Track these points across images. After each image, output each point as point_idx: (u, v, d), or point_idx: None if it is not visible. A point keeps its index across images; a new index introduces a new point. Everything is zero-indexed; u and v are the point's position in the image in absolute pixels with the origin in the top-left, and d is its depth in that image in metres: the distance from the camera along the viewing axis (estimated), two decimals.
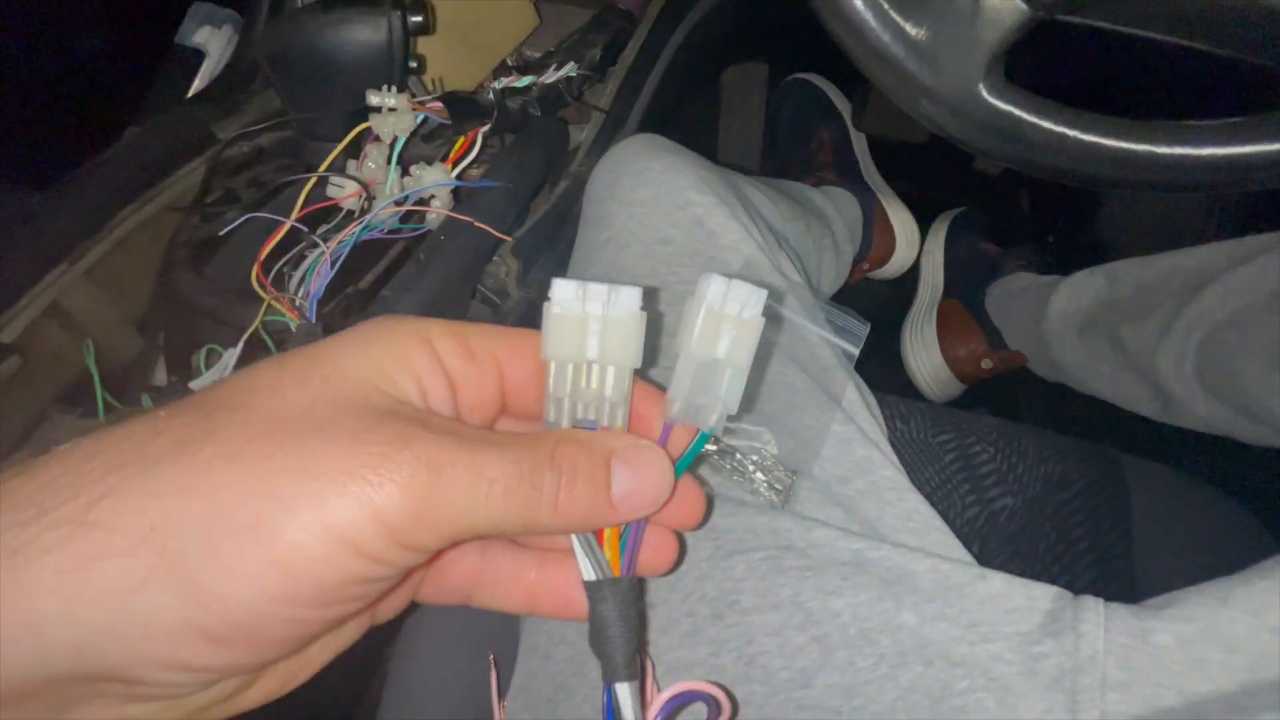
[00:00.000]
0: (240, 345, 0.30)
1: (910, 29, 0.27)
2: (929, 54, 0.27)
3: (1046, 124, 0.27)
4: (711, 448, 0.31)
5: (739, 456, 0.31)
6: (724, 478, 0.30)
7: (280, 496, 0.14)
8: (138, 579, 0.14)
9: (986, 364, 0.75)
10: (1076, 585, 0.29)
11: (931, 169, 0.93)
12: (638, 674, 0.20)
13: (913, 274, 0.90)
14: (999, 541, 0.43)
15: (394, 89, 0.35)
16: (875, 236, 0.88)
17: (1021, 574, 0.29)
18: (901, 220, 0.90)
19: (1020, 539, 0.43)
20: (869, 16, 0.27)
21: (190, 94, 0.44)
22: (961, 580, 0.28)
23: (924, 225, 0.90)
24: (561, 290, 0.19)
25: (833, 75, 0.94)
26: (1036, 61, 0.37)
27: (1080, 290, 0.64)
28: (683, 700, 0.20)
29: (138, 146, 0.39)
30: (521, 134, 0.42)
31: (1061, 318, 0.64)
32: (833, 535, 0.28)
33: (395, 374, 0.17)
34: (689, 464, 0.20)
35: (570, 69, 0.44)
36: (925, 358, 0.77)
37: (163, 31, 0.45)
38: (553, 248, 0.49)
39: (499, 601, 0.21)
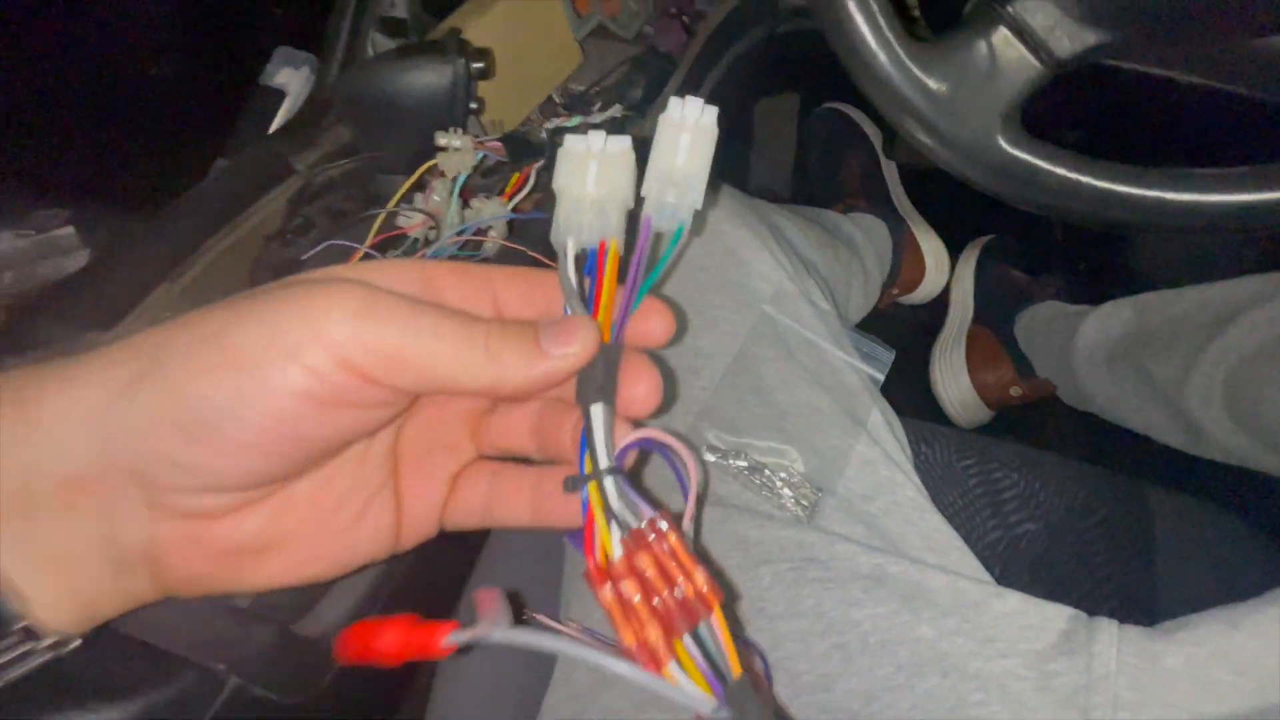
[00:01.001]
0: None
1: (931, 83, 0.29)
2: (948, 106, 0.30)
3: (1061, 171, 0.29)
4: (741, 463, 0.33)
5: (767, 472, 0.33)
6: (753, 492, 0.33)
7: (241, 318, 0.18)
8: (133, 375, 0.18)
9: (1015, 391, 0.75)
10: (1097, 612, 0.30)
11: (961, 196, 0.95)
12: (614, 397, 0.21)
13: (942, 299, 0.91)
14: (1020, 565, 0.44)
15: (460, 131, 0.38)
16: (905, 262, 0.89)
17: (1041, 597, 0.30)
18: (931, 247, 0.91)
19: (1041, 564, 0.44)
20: (892, 71, 0.29)
21: (271, 130, 0.49)
22: (978, 597, 0.30)
23: (954, 252, 0.91)
24: (571, 139, 0.22)
25: (863, 104, 0.96)
26: (1060, 101, 0.39)
27: (1109, 321, 0.64)
28: (646, 444, 0.21)
29: (226, 178, 0.43)
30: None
31: (1090, 348, 0.65)
32: (854, 550, 0.30)
33: (373, 278, 0.20)
34: (664, 264, 0.23)
35: (616, 110, 0.48)
36: (954, 384, 0.78)
37: (248, 74, 0.49)
38: None
39: (511, 516, 0.23)
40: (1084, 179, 0.29)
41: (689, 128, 0.23)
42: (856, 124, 0.97)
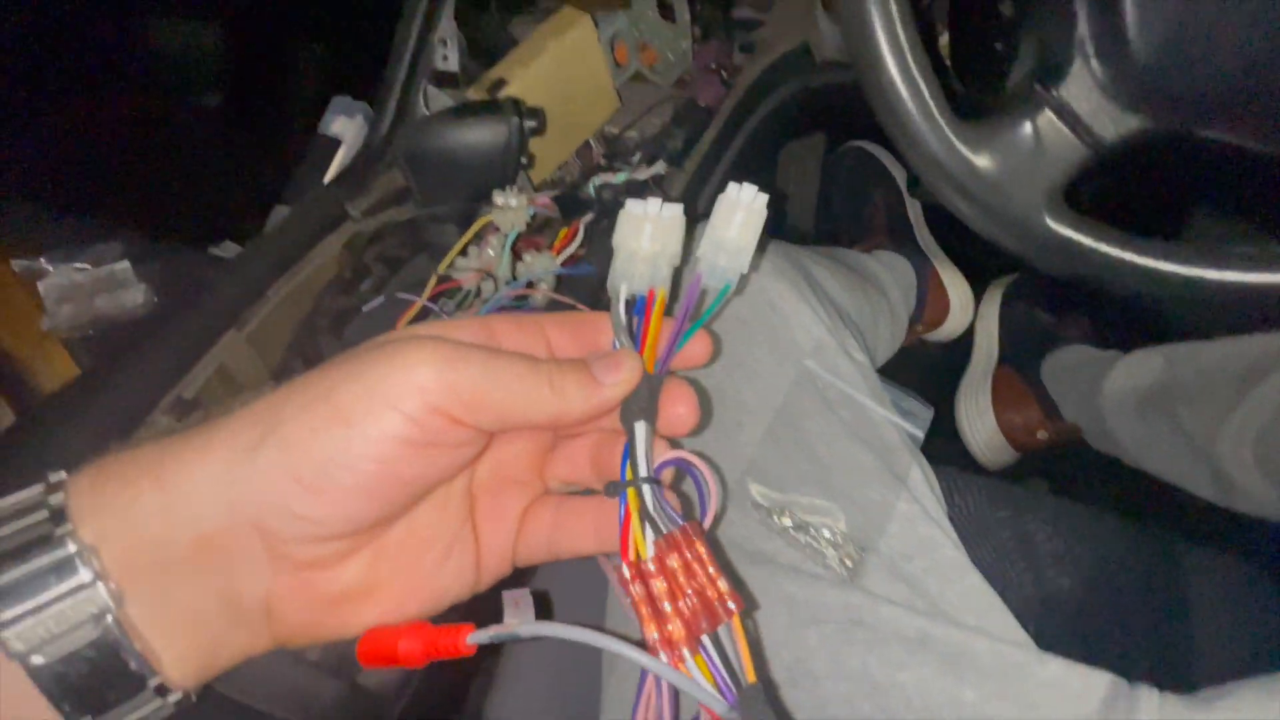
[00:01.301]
0: None
1: (978, 161, 0.31)
2: (995, 184, 0.31)
3: (1106, 248, 0.30)
4: (787, 522, 0.34)
5: (812, 530, 0.34)
6: (797, 550, 0.33)
7: (344, 378, 0.20)
8: (253, 442, 0.20)
9: (1042, 434, 0.75)
10: (1133, 673, 0.30)
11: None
12: (654, 417, 0.24)
13: (967, 337, 0.91)
14: (1055, 622, 0.44)
15: (516, 190, 0.40)
16: (929, 300, 0.90)
17: (1078, 657, 0.31)
18: (956, 285, 0.92)
19: (1078, 621, 0.44)
20: (941, 150, 0.31)
21: (328, 178, 0.51)
22: (1021, 662, 0.30)
23: (978, 290, 0.91)
24: (631, 203, 0.26)
25: (887, 142, 0.97)
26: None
27: (1138, 369, 0.65)
28: (680, 464, 0.24)
29: (288, 226, 0.45)
30: (612, 222, 0.47)
31: (1119, 395, 0.65)
32: (899, 612, 0.31)
33: (445, 333, 0.23)
34: (710, 314, 0.26)
35: (660, 166, 0.49)
36: (980, 424, 0.78)
37: (306, 122, 0.52)
38: None
39: (575, 545, 0.25)
40: (1129, 256, 0.30)
41: (744, 208, 0.27)
42: (881, 162, 0.98)
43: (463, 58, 0.56)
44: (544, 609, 0.22)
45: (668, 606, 0.20)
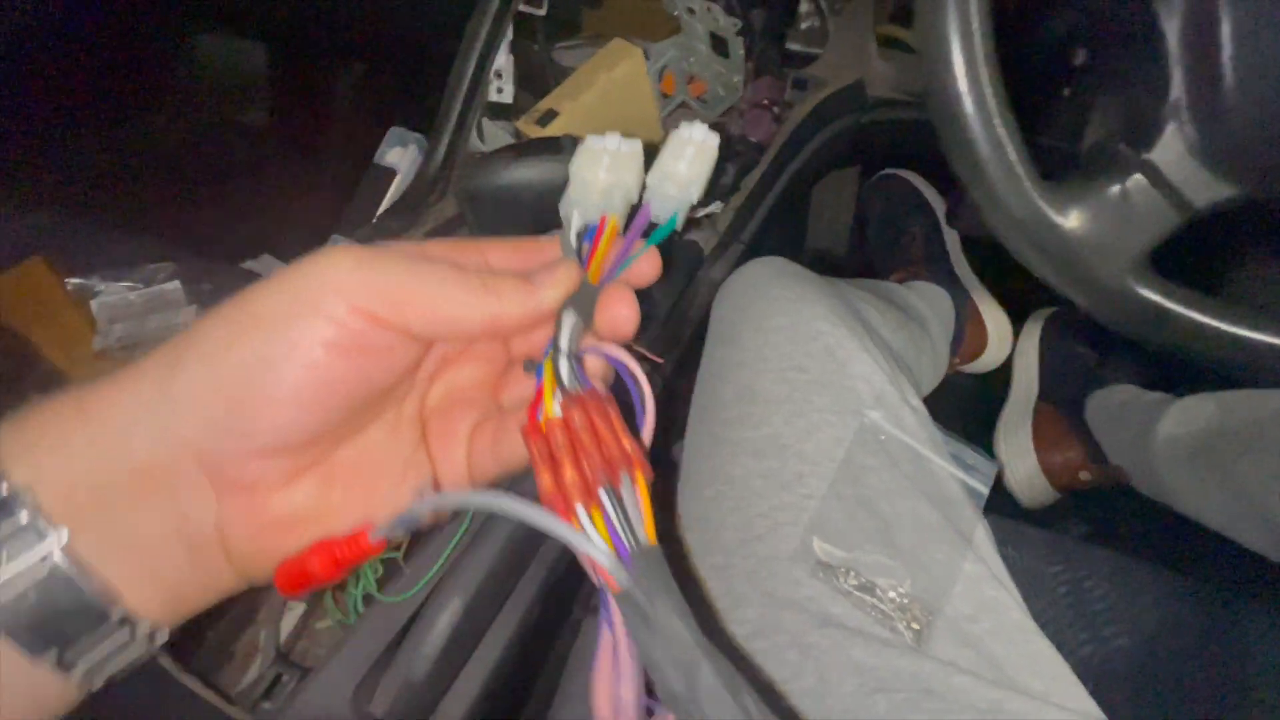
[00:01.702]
0: None
1: (1064, 224, 0.30)
2: (1081, 248, 0.30)
3: (1195, 315, 0.30)
4: (852, 582, 0.33)
5: (878, 592, 0.33)
6: (864, 613, 0.33)
7: (261, 289, 0.20)
8: (175, 360, 0.19)
9: (1085, 476, 0.74)
10: None
11: (1025, 267, 0.94)
12: (588, 318, 0.23)
13: (1004, 369, 0.90)
14: (1114, 683, 0.43)
15: None
16: (967, 332, 0.89)
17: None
18: (994, 317, 0.91)
19: (1137, 682, 0.43)
20: (1026, 213, 0.30)
21: (383, 207, 0.51)
22: None
23: (1016, 322, 0.90)
24: (591, 137, 0.26)
25: (925, 171, 0.97)
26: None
27: (1191, 416, 0.63)
28: (606, 357, 0.23)
29: None
30: (665, 257, 0.47)
31: (1170, 442, 0.64)
32: (971, 683, 0.30)
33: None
34: (656, 239, 0.26)
35: (715, 206, 0.49)
36: (1020, 463, 0.77)
37: (363, 153, 0.52)
38: (674, 348, 0.53)
39: (514, 450, 0.24)
40: (1219, 324, 0.29)
41: (695, 144, 0.27)
42: (919, 190, 0.98)
43: (515, 89, 0.56)
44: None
45: (564, 456, 0.19)
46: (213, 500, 0.20)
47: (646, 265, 0.26)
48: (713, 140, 0.27)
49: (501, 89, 0.53)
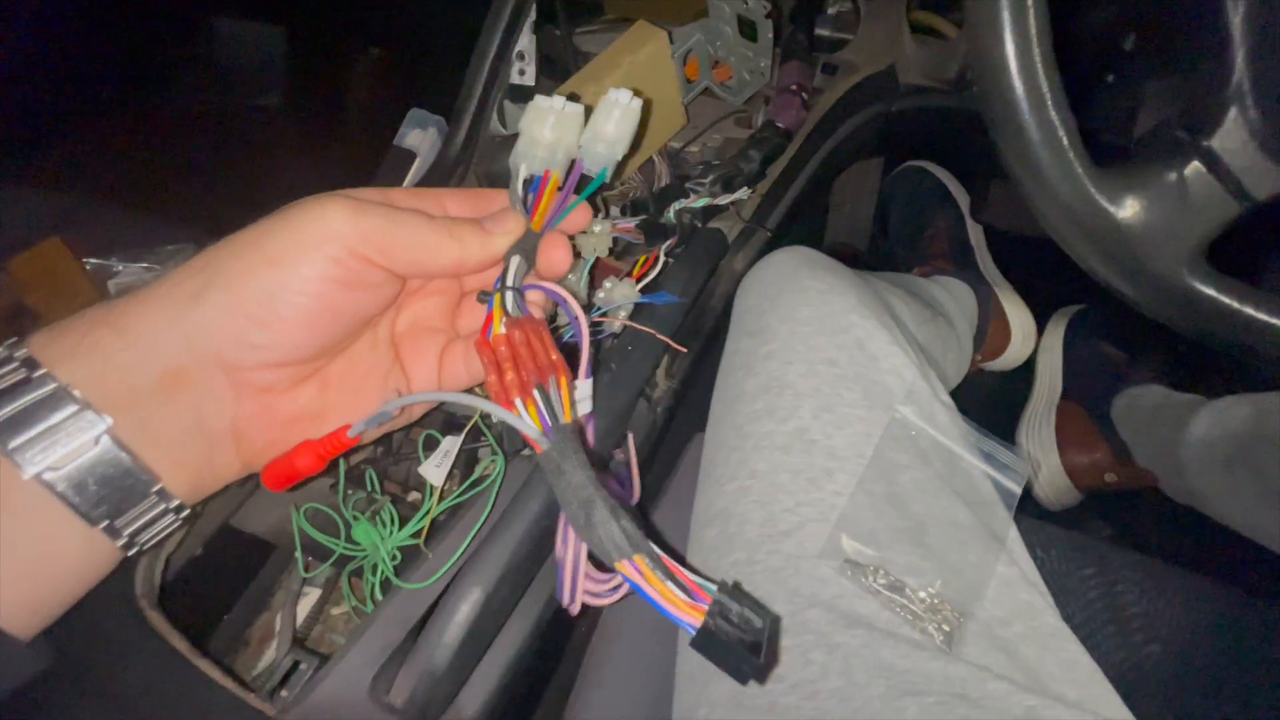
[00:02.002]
0: (462, 435, 0.34)
1: (1117, 213, 0.29)
2: (1135, 239, 0.29)
3: (1252, 311, 0.28)
4: (881, 581, 0.32)
5: (908, 592, 0.32)
6: (892, 613, 0.32)
7: (270, 228, 0.24)
8: (197, 288, 0.23)
9: (1110, 478, 0.72)
10: None
11: (1051, 263, 0.92)
12: (531, 260, 0.29)
13: (1027, 368, 0.88)
14: (1147, 691, 0.41)
15: (602, 216, 0.39)
16: (990, 328, 0.87)
17: None
18: (1018, 313, 0.89)
19: (1170, 690, 0.42)
20: (1077, 200, 0.29)
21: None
22: None
23: (1041, 320, 0.88)
24: (540, 97, 0.31)
25: (950, 164, 0.94)
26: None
27: (1225, 418, 0.61)
28: (545, 291, 0.29)
29: None
30: (689, 247, 0.46)
31: (1203, 445, 0.62)
32: (1007, 689, 0.29)
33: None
34: (588, 193, 0.32)
35: (743, 193, 0.48)
36: (1043, 462, 0.75)
37: (383, 135, 0.51)
38: (695, 339, 0.52)
39: (479, 368, 0.29)
40: (1277, 321, 0.28)
41: (621, 106, 0.32)
42: (943, 183, 0.96)
43: (537, 72, 0.55)
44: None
45: (507, 363, 0.24)
46: (231, 401, 0.24)
47: (579, 215, 0.32)
48: (636, 104, 0.32)
49: (524, 70, 0.52)
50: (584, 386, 0.29)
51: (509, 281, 0.28)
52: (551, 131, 0.30)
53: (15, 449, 0.21)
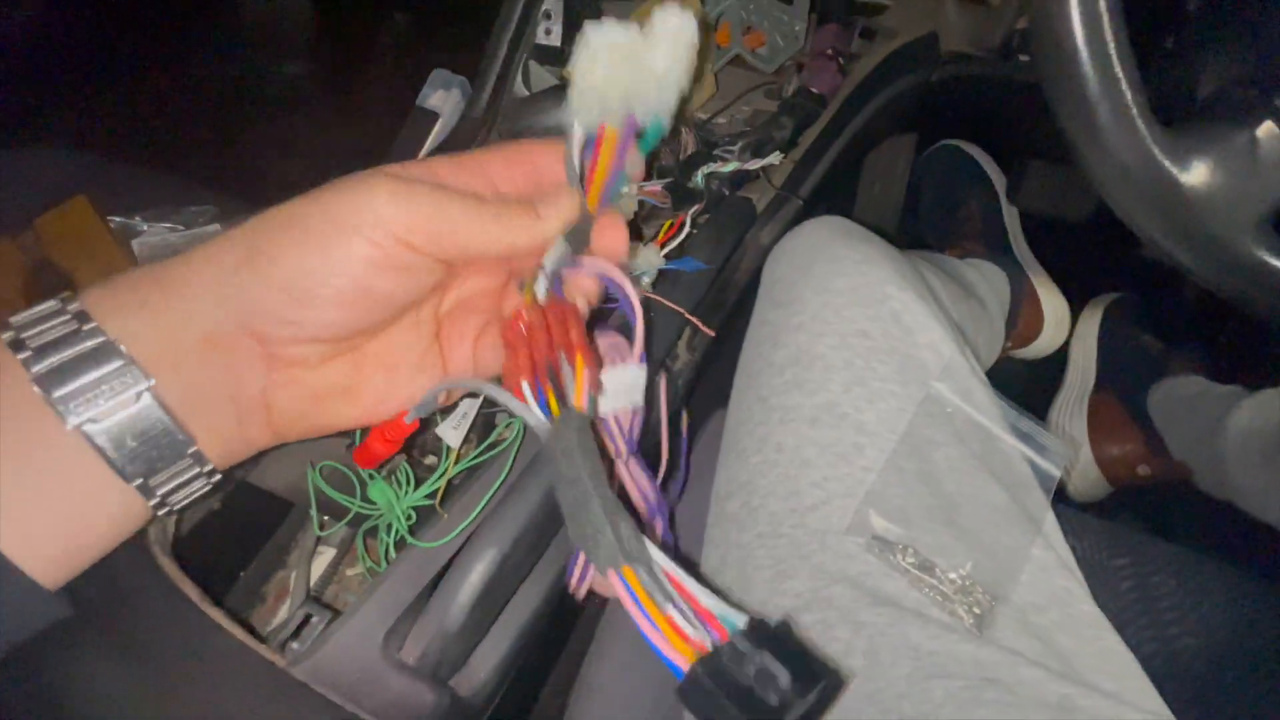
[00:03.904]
0: (480, 398, 0.33)
1: (1182, 176, 0.27)
2: (1198, 203, 0.27)
3: None
4: (910, 560, 0.31)
5: (938, 572, 0.31)
6: (920, 592, 0.31)
7: (312, 208, 0.23)
8: (242, 258, 0.23)
9: (1144, 470, 0.70)
10: None
11: (1088, 249, 0.89)
12: (582, 245, 0.27)
13: (1058, 356, 0.85)
14: (1180, 685, 0.40)
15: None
16: (1022, 314, 0.84)
17: None
18: (1052, 300, 0.86)
19: (1205, 685, 0.40)
20: (1139, 161, 0.27)
21: (423, 152, 0.49)
22: None
23: (1075, 307, 0.85)
24: (590, 27, 0.25)
25: (986, 144, 0.91)
26: None
27: (1267, 410, 0.59)
28: (599, 274, 0.27)
29: None
30: (716, 213, 0.44)
31: (1244, 437, 0.59)
32: (1041, 675, 0.28)
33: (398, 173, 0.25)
34: (651, 144, 0.28)
35: (774, 157, 0.46)
36: (1074, 453, 0.73)
37: (405, 96, 0.50)
38: (717, 312, 0.50)
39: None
40: None
41: (670, 31, 0.25)
42: (978, 164, 0.93)
43: (565, 34, 0.54)
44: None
45: (525, 347, 0.23)
46: (263, 371, 0.24)
47: (617, 232, 0.29)
48: (690, 25, 0.26)
49: (550, 30, 0.50)
50: (635, 372, 0.26)
51: (546, 265, 0.26)
52: (606, 71, 0.25)
53: (59, 398, 0.21)
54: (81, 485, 0.22)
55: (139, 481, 0.22)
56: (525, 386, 0.22)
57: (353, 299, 0.23)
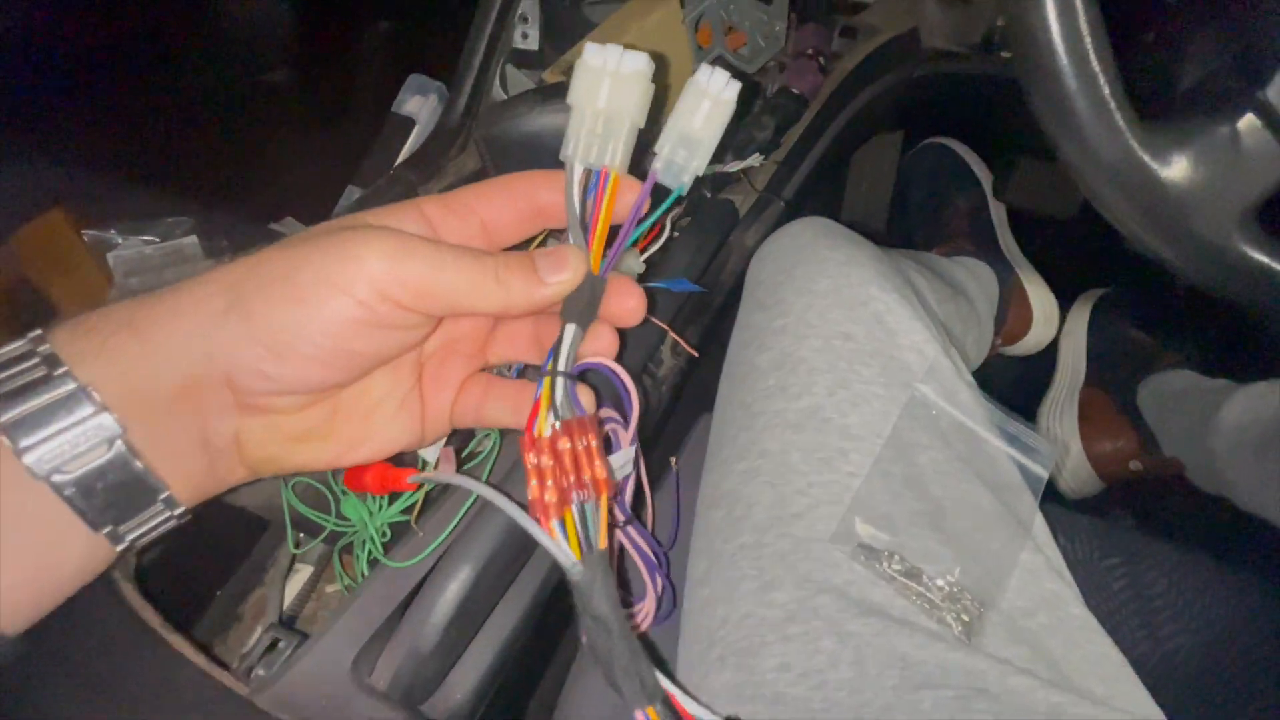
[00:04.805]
0: None
1: (1162, 171, 0.26)
2: (1180, 198, 0.26)
3: None
4: (897, 567, 0.31)
5: (925, 579, 0.30)
6: (908, 600, 0.30)
7: (301, 262, 0.22)
8: (221, 309, 0.22)
9: (1135, 466, 0.69)
10: None
11: (1075, 244, 0.89)
12: (590, 319, 0.26)
13: (1047, 353, 0.85)
14: (1174, 685, 0.39)
15: None
16: (1011, 311, 0.84)
17: None
18: (1040, 296, 0.86)
19: (1200, 684, 0.40)
20: (1119, 157, 0.26)
21: (400, 158, 0.48)
22: None
23: (1064, 303, 0.85)
24: (589, 51, 0.24)
25: (972, 141, 0.91)
26: None
27: (1259, 403, 0.59)
28: (599, 368, 0.26)
29: (358, 208, 0.43)
30: (697, 217, 0.44)
31: (1235, 431, 0.59)
32: (1031, 684, 0.27)
33: (388, 220, 0.25)
34: (654, 220, 0.27)
35: (755, 159, 0.46)
36: (1064, 450, 0.73)
37: (380, 102, 0.49)
38: (701, 316, 0.50)
39: (497, 419, 0.28)
40: None
41: (711, 97, 0.25)
42: (965, 161, 0.92)
43: (542, 38, 0.53)
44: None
45: (550, 477, 0.23)
46: (236, 417, 0.24)
47: (624, 301, 0.27)
48: (732, 91, 0.25)
49: (527, 34, 0.50)
50: (626, 452, 0.27)
51: (562, 363, 0.25)
52: (608, 101, 0.24)
53: (26, 448, 0.20)
54: (48, 534, 0.21)
55: (108, 529, 0.22)
56: (555, 524, 0.23)
57: (335, 358, 0.23)
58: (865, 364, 0.36)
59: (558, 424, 0.24)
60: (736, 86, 0.25)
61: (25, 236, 0.62)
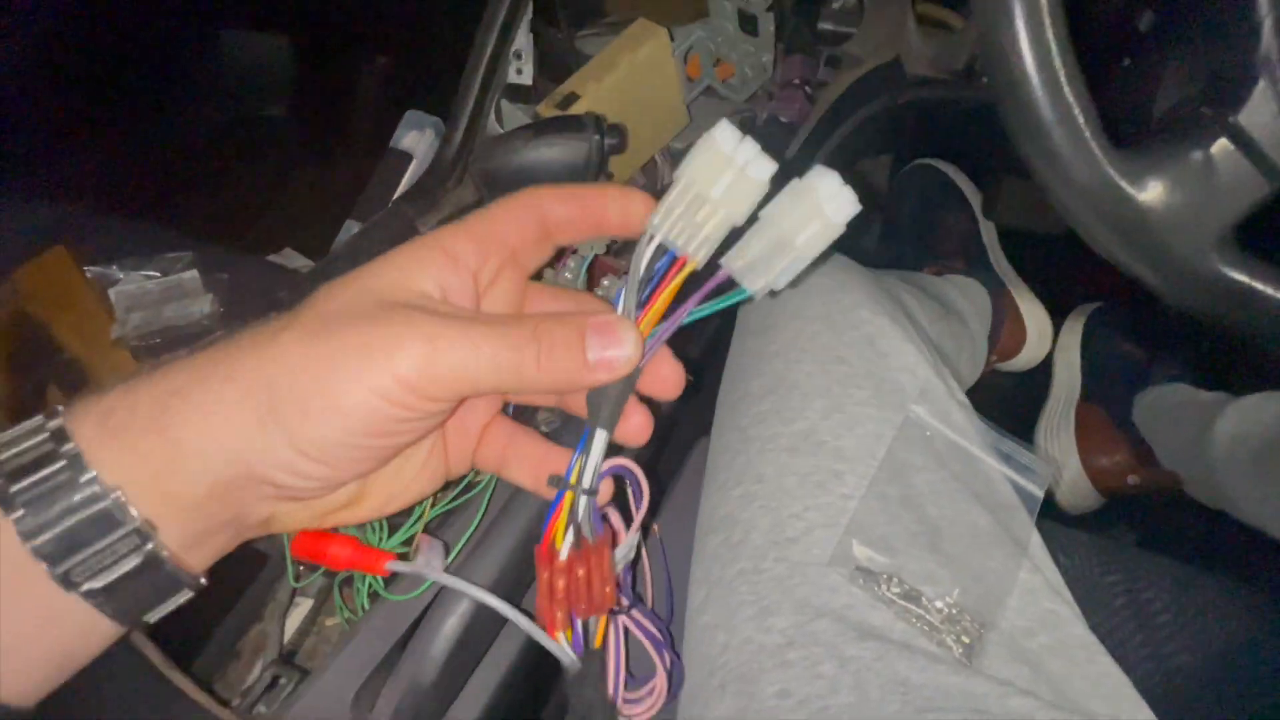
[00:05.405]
0: None
1: (1138, 196, 0.27)
2: (1157, 222, 0.27)
3: None
4: (895, 590, 0.31)
5: (924, 601, 0.30)
6: (907, 623, 0.30)
7: (334, 366, 0.22)
8: (254, 421, 0.22)
9: (1133, 480, 0.70)
10: None
11: (1067, 260, 0.90)
12: (613, 427, 0.24)
13: (1043, 369, 0.86)
14: (1177, 705, 0.39)
15: None
16: (1005, 328, 0.85)
17: None
18: (1033, 312, 0.87)
19: (1203, 704, 0.39)
20: (1095, 182, 0.27)
21: (398, 192, 0.49)
22: None
23: (1057, 318, 0.86)
24: (722, 132, 0.22)
25: (960, 162, 0.93)
26: None
27: (1254, 415, 0.59)
28: (620, 472, 0.26)
29: (357, 241, 0.44)
30: None
31: (1232, 443, 0.59)
32: (1032, 705, 0.27)
33: (416, 275, 0.23)
34: (708, 313, 0.24)
35: None
36: (1062, 465, 0.73)
37: (378, 138, 0.51)
38: (699, 340, 0.50)
39: (517, 478, 0.28)
40: None
41: (824, 219, 0.23)
42: (954, 181, 0.94)
43: (534, 72, 0.54)
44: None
45: (562, 592, 0.24)
46: (270, 504, 0.24)
47: (666, 378, 0.26)
48: (843, 217, 0.22)
49: (521, 70, 0.51)
50: (629, 541, 0.27)
51: (586, 479, 0.24)
52: (722, 193, 0.22)
53: (67, 571, 0.20)
54: (74, 630, 0.22)
55: (133, 618, 0.22)
56: (560, 635, 0.24)
57: (369, 454, 0.23)
58: (858, 387, 0.37)
59: (576, 546, 0.24)
60: (853, 211, 0.23)
61: (27, 273, 0.63)
